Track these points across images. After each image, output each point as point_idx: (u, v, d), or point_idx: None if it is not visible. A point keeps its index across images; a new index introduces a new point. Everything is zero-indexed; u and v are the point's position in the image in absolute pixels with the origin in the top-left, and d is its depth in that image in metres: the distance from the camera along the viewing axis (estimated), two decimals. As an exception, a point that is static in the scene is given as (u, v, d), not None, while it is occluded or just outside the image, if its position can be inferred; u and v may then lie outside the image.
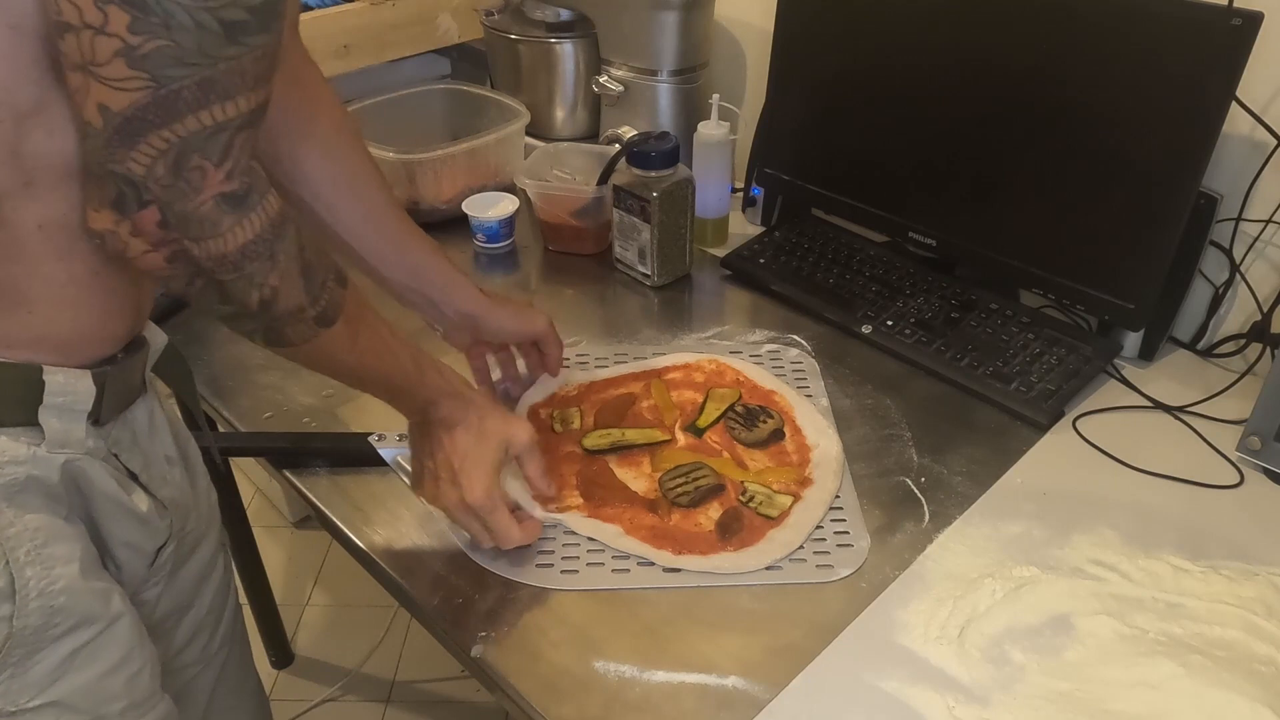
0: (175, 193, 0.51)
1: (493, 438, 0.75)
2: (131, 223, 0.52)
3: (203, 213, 0.52)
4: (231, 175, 0.52)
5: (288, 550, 1.92)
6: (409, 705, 1.63)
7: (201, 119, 0.49)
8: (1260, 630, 0.70)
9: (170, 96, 0.48)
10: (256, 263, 0.55)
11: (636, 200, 1.09)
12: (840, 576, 0.75)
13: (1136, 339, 1.01)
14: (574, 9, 1.36)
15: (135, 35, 0.46)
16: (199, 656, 0.81)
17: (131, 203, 0.51)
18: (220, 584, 0.83)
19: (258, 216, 0.54)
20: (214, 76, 0.49)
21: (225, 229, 0.53)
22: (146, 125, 0.48)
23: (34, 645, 0.59)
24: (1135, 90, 0.89)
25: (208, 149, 0.50)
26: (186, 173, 0.50)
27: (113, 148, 0.49)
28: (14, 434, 0.58)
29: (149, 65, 0.47)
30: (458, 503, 0.74)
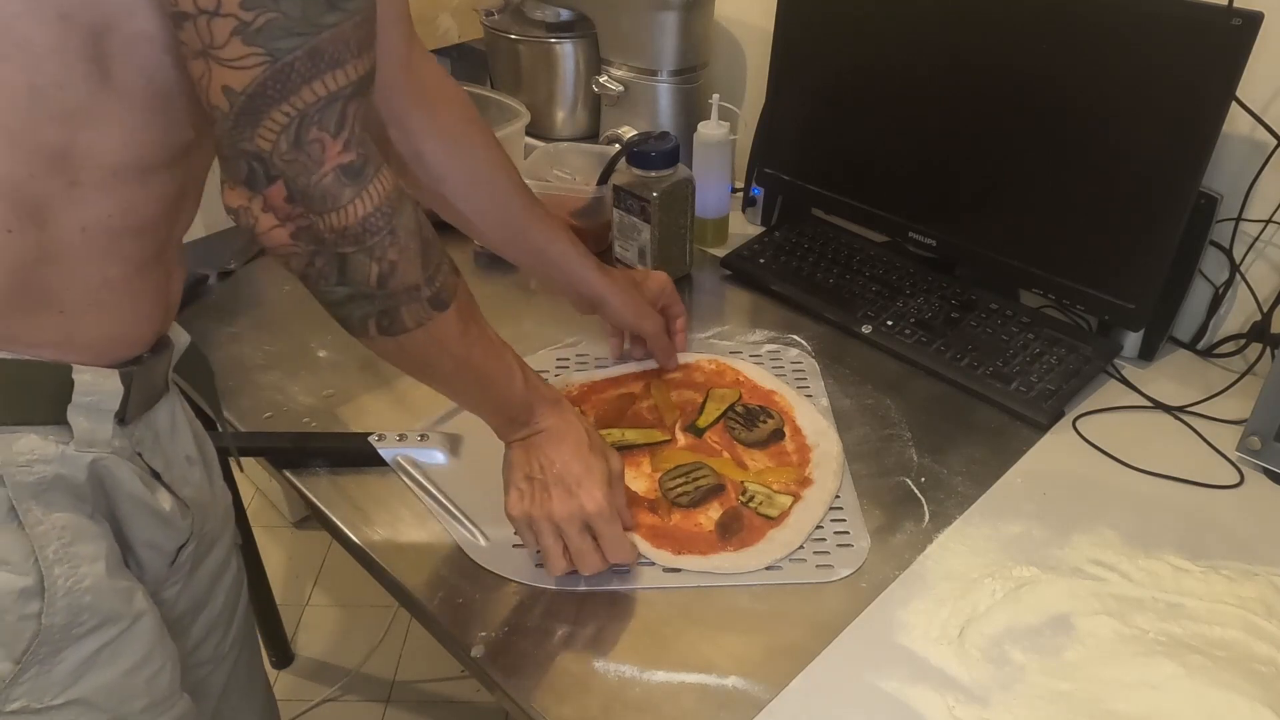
0: (298, 167, 0.52)
1: (599, 454, 0.74)
2: (263, 198, 0.53)
3: (325, 185, 0.53)
4: (349, 145, 0.53)
5: (288, 550, 1.92)
6: (409, 705, 1.63)
7: (315, 89, 0.51)
8: (1260, 630, 0.70)
9: (285, 69, 0.49)
10: (377, 236, 0.56)
11: (636, 200, 1.09)
12: (840, 577, 0.75)
13: (1136, 339, 1.01)
14: (574, 9, 1.36)
15: (248, 11, 0.48)
16: (212, 655, 0.81)
17: (261, 179, 0.52)
18: (233, 583, 0.83)
19: (375, 189, 0.55)
20: (320, 45, 0.50)
21: (346, 201, 0.54)
22: (267, 101, 0.50)
23: (60, 643, 0.59)
24: (1135, 90, 0.89)
25: (324, 119, 0.52)
26: (307, 145, 0.52)
27: (241, 127, 0.51)
28: (43, 432, 0.58)
29: (263, 39, 0.49)
30: (575, 511, 0.71)
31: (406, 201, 0.58)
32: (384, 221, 0.56)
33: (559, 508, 0.71)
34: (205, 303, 1.11)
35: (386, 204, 0.56)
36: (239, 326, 1.06)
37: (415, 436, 0.87)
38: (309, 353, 1.01)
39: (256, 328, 1.06)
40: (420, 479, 0.84)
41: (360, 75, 0.53)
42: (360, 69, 0.53)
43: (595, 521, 0.72)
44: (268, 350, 1.02)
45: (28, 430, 0.58)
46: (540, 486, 0.72)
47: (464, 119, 0.84)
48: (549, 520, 0.72)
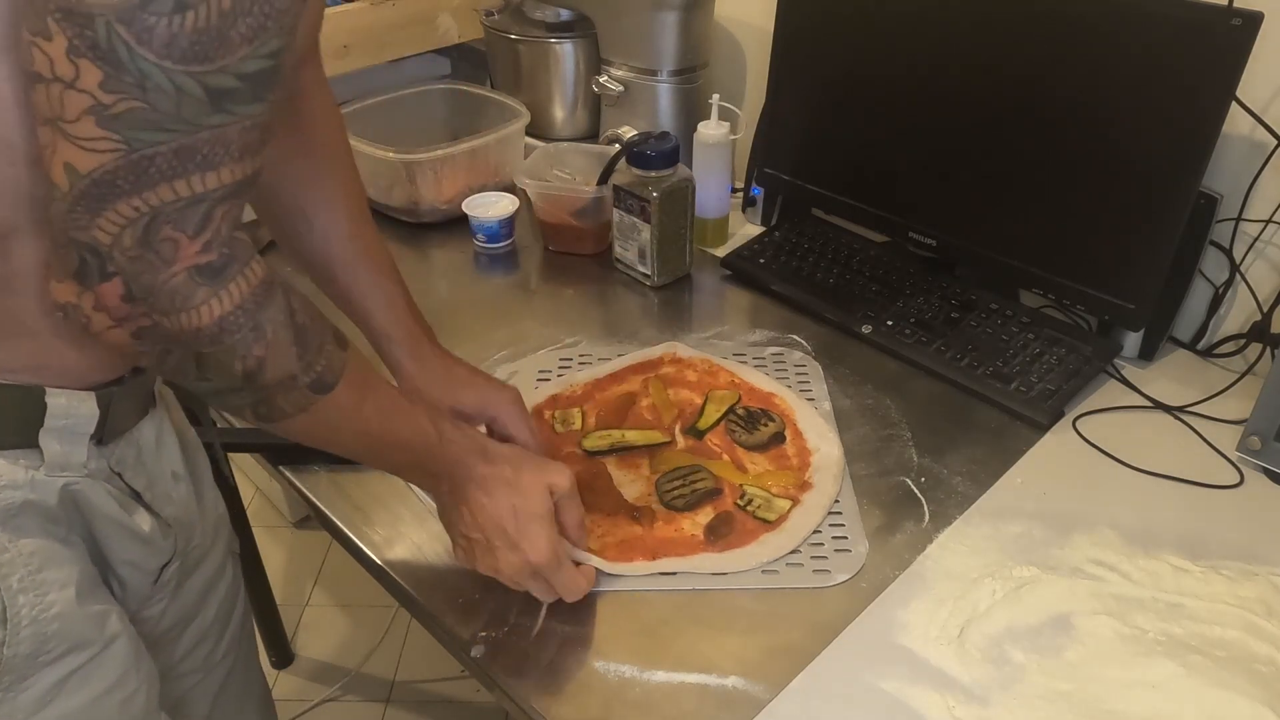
0: (143, 264, 0.47)
1: (535, 489, 0.68)
2: (95, 295, 0.48)
3: (173, 285, 0.47)
4: (209, 247, 0.48)
5: (288, 550, 1.92)
6: (409, 705, 1.63)
7: (177, 188, 0.45)
8: (1260, 630, 0.70)
9: (142, 162, 0.44)
10: (238, 334, 0.50)
11: (636, 200, 1.09)
12: (837, 582, 0.75)
13: (1136, 339, 1.01)
14: (574, 9, 1.36)
15: (107, 94, 0.42)
16: (201, 664, 0.80)
17: (94, 274, 0.47)
18: (227, 592, 0.82)
19: (237, 287, 0.50)
20: (193, 144, 0.45)
21: (199, 301, 0.48)
22: (115, 191, 0.45)
23: (25, 671, 0.58)
24: (1135, 90, 0.89)
25: (182, 220, 0.46)
26: (157, 244, 0.46)
27: (77, 213, 0.45)
28: (12, 457, 0.57)
29: (120, 126, 0.43)
30: (521, 567, 0.68)
31: (275, 291, 0.52)
32: (245, 319, 0.50)
33: (505, 566, 0.68)
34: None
35: (249, 300, 0.50)
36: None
37: (415, 436, 0.87)
38: (309, 353, 1.01)
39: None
40: (420, 479, 0.84)
41: (238, 179, 0.48)
42: (238, 173, 0.47)
43: (543, 572, 0.69)
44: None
45: None
46: (481, 545, 0.69)
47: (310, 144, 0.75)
48: (517, 572, 0.69)
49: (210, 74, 0.44)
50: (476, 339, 1.03)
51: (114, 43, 0.41)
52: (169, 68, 0.42)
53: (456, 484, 0.68)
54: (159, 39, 0.42)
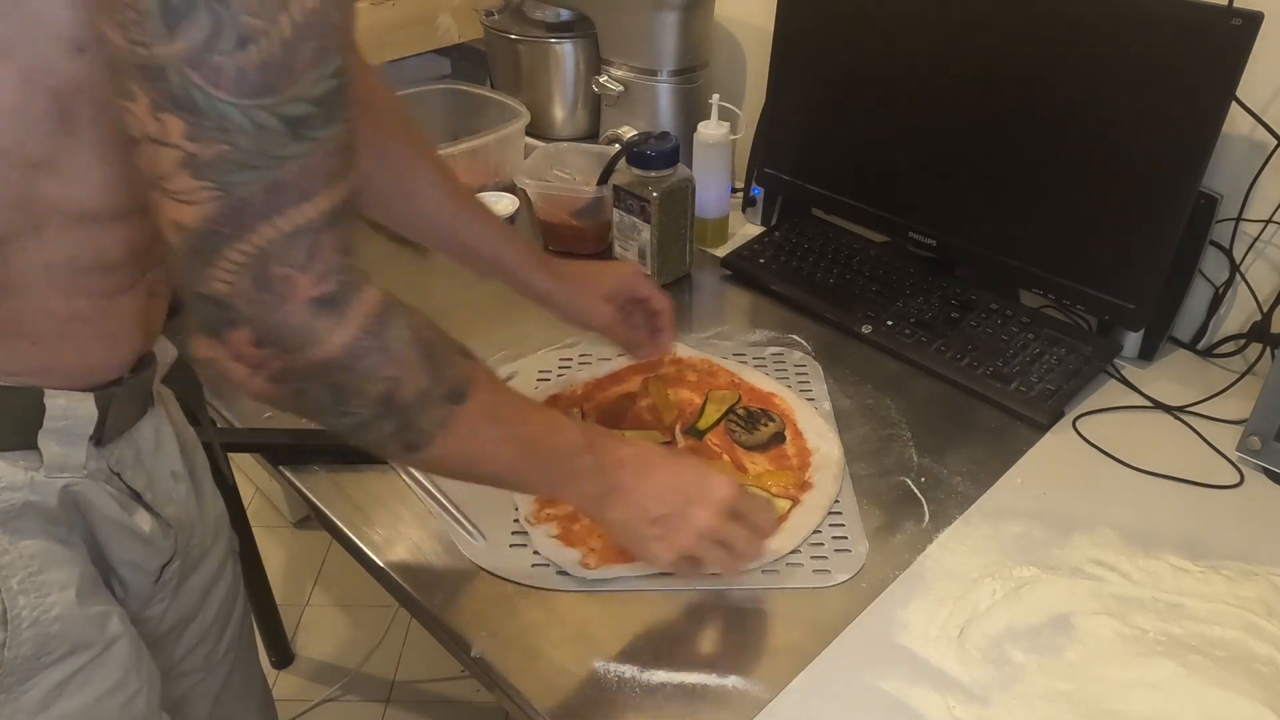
0: (263, 306, 0.47)
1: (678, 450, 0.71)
2: (228, 347, 0.49)
3: (296, 322, 0.48)
4: (323, 278, 0.48)
5: (288, 550, 1.92)
6: (409, 705, 1.63)
7: (277, 225, 0.46)
8: (1260, 630, 0.70)
9: (238, 205, 0.45)
10: (367, 359, 0.51)
11: (636, 200, 1.09)
12: (837, 582, 0.75)
13: (1136, 339, 1.01)
14: (574, 9, 1.36)
15: (193, 142, 0.43)
16: (201, 664, 0.80)
17: (223, 325, 0.48)
18: (227, 591, 0.82)
19: (356, 313, 0.50)
20: (283, 178, 0.45)
21: (323, 334, 0.49)
22: (220, 239, 0.45)
23: (26, 673, 0.58)
24: (1135, 90, 0.89)
25: (290, 255, 0.47)
26: (272, 284, 0.47)
27: (194, 267, 0.46)
28: (11, 458, 0.57)
29: (211, 173, 0.44)
30: (718, 508, 0.68)
31: (396, 311, 0.53)
32: (372, 341, 0.51)
33: (702, 517, 0.68)
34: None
35: (372, 323, 0.51)
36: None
37: (415, 436, 0.87)
38: (309, 353, 1.01)
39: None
40: (420, 478, 0.84)
41: (333, 205, 0.48)
42: (333, 199, 0.47)
43: (736, 502, 0.69)
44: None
45: None
46: (672, 519, 0.68)
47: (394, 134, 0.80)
48: (702, 537, 0.68)
49: (283, 104, 0.44)
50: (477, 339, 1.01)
51: (189, 90, 0.42)
52: (244, 104, 0.43)
53: (606, 472, 0.67)
54: (229, 77, 0.42)
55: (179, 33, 0.41)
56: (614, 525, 0.69)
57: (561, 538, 0.78)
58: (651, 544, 0.68)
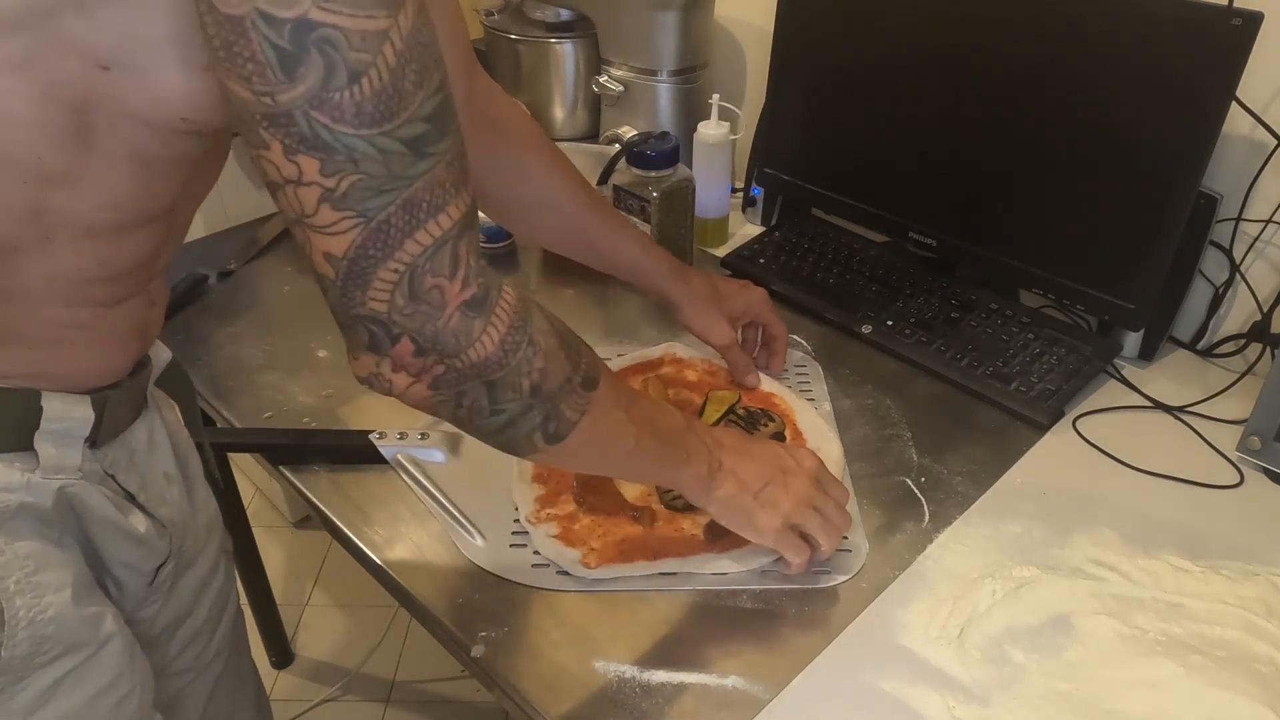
0: (421, 317, 0.50)
1: None
2: (391, 360, 0.52)
3: (453, 327, 0.52)
4: (469, 282, 0.51)
5: (288, 550, 1.92)
6: (409, 705, 1.63)
7: (420, 239, 0.49)
8: (1260, 630, 0.70)
9: (382, 228, 0.48)
10: (519, 352, 0.55)
11: (636, 200, 1.09)
12: (836, 583, 0.75)
13: (1136, 339, 1.01)
14: (574, 9, 1.36)
15: (328, 177, 0.46)
16: (192, 664, 0.80)
17: (385, 341, 0.51)
18: (219, 592, 0.82)
19: (503, 310, 0.53)
20: (414, 196, 0.48)
21: (478, 334, 0.52)
22: (371, 262, 0.48)
23: (21, 672, 0.58)
24: (1135, 90, 0.89)
25: (437, 265, 0.50)
26: (425, 295, 0.50)
27: (350, 293, 0.49)
28: (8, 460, 0.57)
29: (350, 203, 0.47)
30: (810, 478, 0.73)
31: (531, 305, 0.57)
32: (520, 335, 0.55)
33: (799, 485, 0.72)
34: (205, 303, 1.11)
35: (517, 318, 0.54)
36: (239, 326, 1.06)
37: (416, 435, 0.87)
38: (309, 353, 1.01)
39: (256, 328, 1.06)
40: (420, 478, 0.84)
41: (463, 213, 0.51)
42: (461, 207, 0.51)
43: (821, 472, 0.74)
44: (268, 350, 1.02)
45: None
46: (771, 489, 0.72)
47: (520, 145, 0.84)
48: (799, 502, 0.72)
49: (401, 127, 0.46)
50: None
51: (316, 129, 0.45)
52: (367, 134, 0.45)
53: (711, 451, 0.71)
54: (349, 111, 0.45)
55: (297, 77, 0.43)
56: (720, 502, 0.72)
57: (561, 538, 0.78)
58: (757, 514, 0.72)
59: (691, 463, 0.70)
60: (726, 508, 0.72)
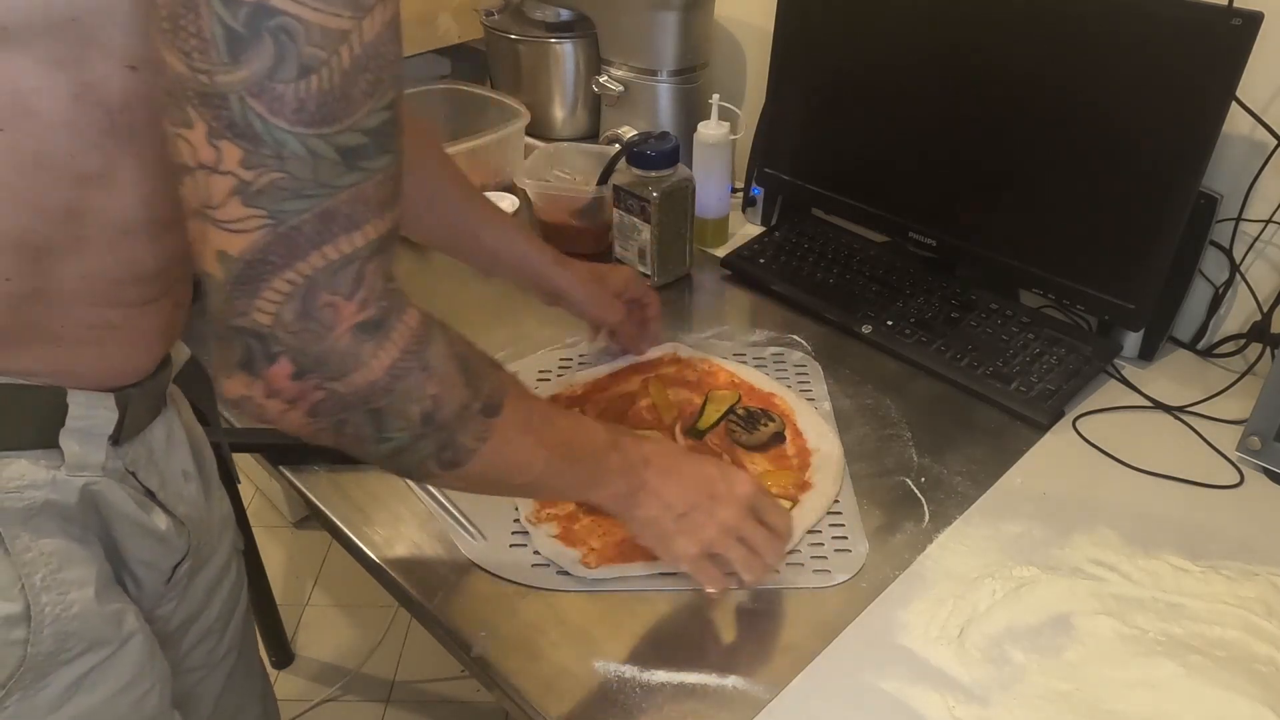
0: (307, 336, 0.47)
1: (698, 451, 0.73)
2: (264, 382, 0.48)
3: (341, 348, 0.48)
4: (367, 304, 0.48)
5: (288, 550, 1.92)
6: (409, 705, 1.63)
7: (327, 253, 0.46)
8: (1260, 630, 0.70)
9: (290, 233, 0.45)
10: (409, 378, 0.51)
11: (636, 200, 1.09)
12: (837, 582, 0.75)
13: (1136, 339, 1.01)
14: (574, 9, 1.36)
15: (249, 170, 0.43)
16: (204, 661, 0.80)
17: (260, 359, 0.47)
18: (231, 590, 0.82)
19: (399, 334, 0.50)
20: (335, 207, 0.45)
21: (368, 357, 0.49)
22: (269, 267, 0.45)
23: (46, 668, 0.59)
24: (1135, 90, 0.89)
25: (337, 283, 0.47)
26: (317, 312, 0.47)
27: (236, 298, 0.46)
28: (34, 457, 0.57)
29: (264, 201, 0.44)
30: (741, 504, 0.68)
31: (434, 328, 0.53)
32: (414, 361, 0.51)
33: (725, 513, 0.68)
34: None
35: (414, 343, 0.51)
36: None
37: (415, 436, 0.87)
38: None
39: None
40: (420, 479, 0.84)
41: (381, 234, 0.48)
42: (380, 229, 0.48)
43: (757, 500, 0.69)
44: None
45: (17, 456, 0.56)
46: (695, 514, 0.68)
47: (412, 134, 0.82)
48: (723, 532, 0.68)
49: (340, 134, 0.44)
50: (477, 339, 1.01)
51: (249, 117, 0.43)
52: (301, 133, 0.43)
53: (636, 470, 0.67)
54: (289, 106, 0.43)
55: (243, 61, 0.42)
56: (640, 523, 0.69)
57: (561, 538, 0.78)
58: (675, 539, 0.68)
59: (609, 483, 0.66)
60: (646, 529, 0.69)
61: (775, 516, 0.71)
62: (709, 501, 0.68)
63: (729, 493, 0.69)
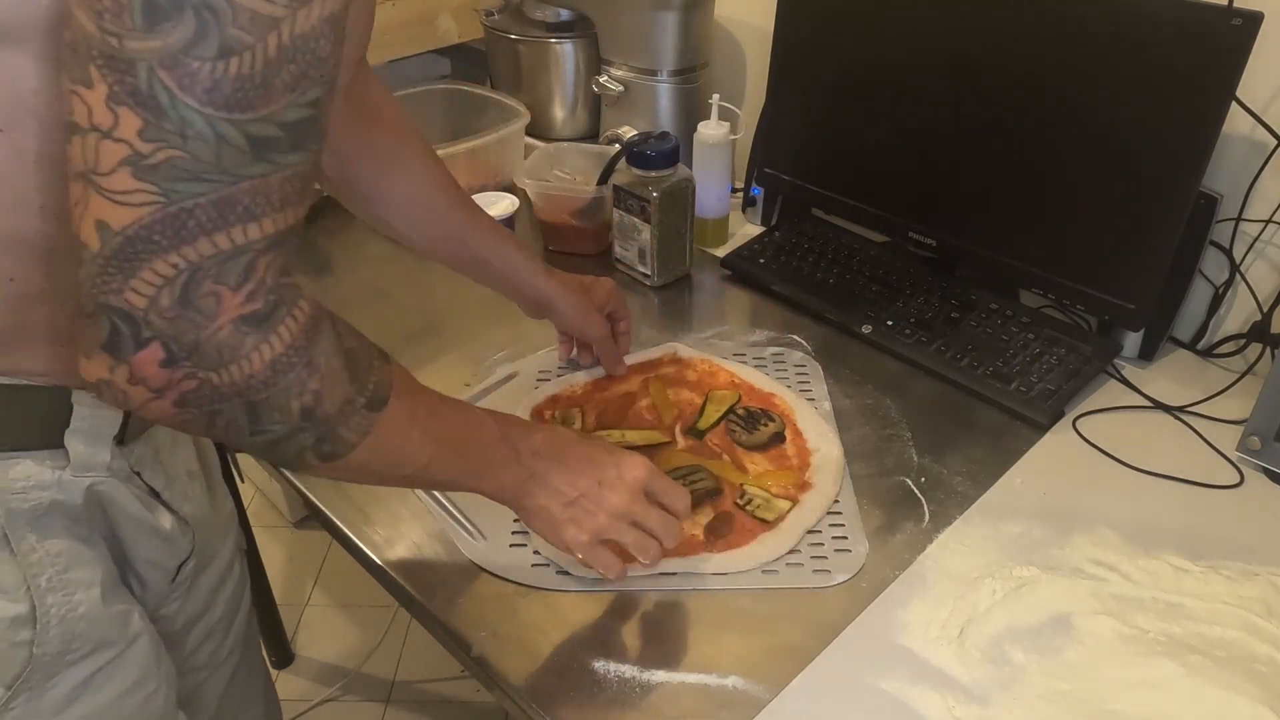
0: (184, 324, 0.44)
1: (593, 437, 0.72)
2: (129, 368, 0.45)
3: (220, 339, 0.45)
4: (254, 297, 0.46)
5: (288, 550, 1.92)
6: (409, 705, 1.63)
7: (217, 241, 0.44)
8: (1260, 630, 0.70)
9: (181, 215, 0.42)
10: (292, 373, 0.49)
11: (636, 200, 1.09)
12: (837, 582, 0.75)
13: (1136, 339, 1.01)
14: (574, 9, 1.36)
15: (146, 142, 0.41)
16: (208, 660, 0.81)
17: (128, 343, 0.44)
18: (235, 589, 0.83)
19: (286, 329, 0.48)
20: (234, 196, 0.43)
21: (249, 350, 0.46)
22: (151, 247, 0.43)
23: (52, 669, 0.59)
24: (1135, 90, 0.89)
25: (224, 273, 0.44)
26: (197, 300, 0.44)
27: (109, 274, 0.43)
28: (39, 458, 0.57)
29: (158, 177, 0.42)
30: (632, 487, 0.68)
31: (324, 322, 0.51)
32: (298, 357, 0.49)
33: (615, 499, 0.67)
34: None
35: (300, 338, 0.49)
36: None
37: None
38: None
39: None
40: (420, 479, 0.84)
41: (280, 230, 0.46)
42: (280, 223, 0.46)
43: (651, 483, 0.69)
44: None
45: (23, 456, 0.56)
46: (585, 501, 0.67)
47: (398, 138, 0.81)
48: (614, 518, 0.68)
49: (253, 122, 0.43)
50: (477, 339, 1.03)
51: (155, 89, 0.41)
52: (211, 115, 0.42)
53: (524, 460, 0.66)
54: (201, 85, 0.41)
55: (158, 30, 0.40)
56: (529, 513, 0.68)
57: None
58: (565, 527, 0.67)
59: (497, 475, 0.65)
60: (536, 519, 0.68)
61: (671, 498, 0.70)
62: (598, 488, 0.67)
63: (619, 478, 0.68)
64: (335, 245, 1.22)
